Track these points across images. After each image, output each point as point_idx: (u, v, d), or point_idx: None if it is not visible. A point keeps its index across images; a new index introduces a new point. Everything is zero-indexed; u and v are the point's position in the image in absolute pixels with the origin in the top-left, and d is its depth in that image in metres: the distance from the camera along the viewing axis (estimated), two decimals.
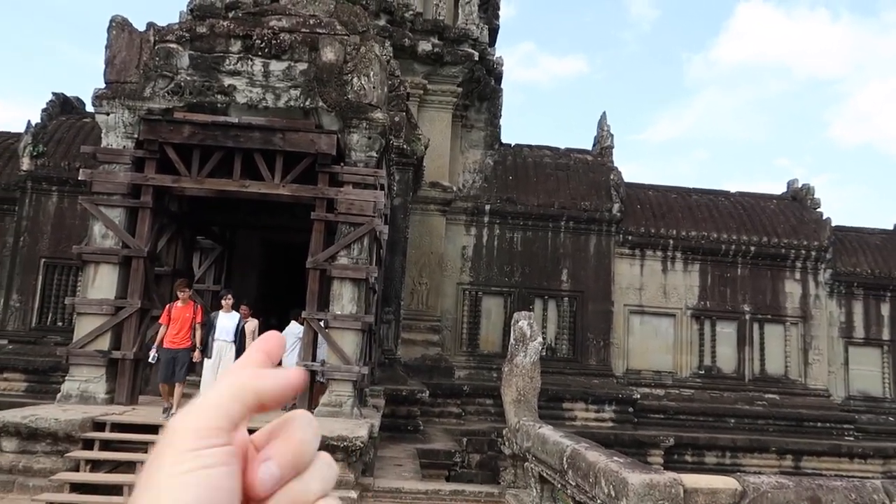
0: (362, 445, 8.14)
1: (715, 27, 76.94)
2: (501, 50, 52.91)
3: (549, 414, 12.50)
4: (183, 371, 8.71)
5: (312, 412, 9.10)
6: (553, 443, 6.40)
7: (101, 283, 9.47)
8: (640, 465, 5.33)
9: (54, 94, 16.59)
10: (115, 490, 7.21)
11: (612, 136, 19.63)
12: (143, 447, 7.81)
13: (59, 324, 14.98)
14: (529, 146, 19.67)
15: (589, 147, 20.12)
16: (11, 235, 15.39)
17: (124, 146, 9.80)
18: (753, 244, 17.89)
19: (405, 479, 9.26)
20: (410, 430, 13.10)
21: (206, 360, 8.88)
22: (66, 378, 9.28)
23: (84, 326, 9.37)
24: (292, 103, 10.01)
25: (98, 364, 9.24)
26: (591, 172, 18.73)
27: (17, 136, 16.21)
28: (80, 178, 10.08)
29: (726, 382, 17.50)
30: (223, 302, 9.34)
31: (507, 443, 8.42)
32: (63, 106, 16.66)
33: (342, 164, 10.04)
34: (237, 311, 9.77)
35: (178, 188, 9.98)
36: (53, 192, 15.31)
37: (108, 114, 9.87)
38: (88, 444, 7.87)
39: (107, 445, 7.83)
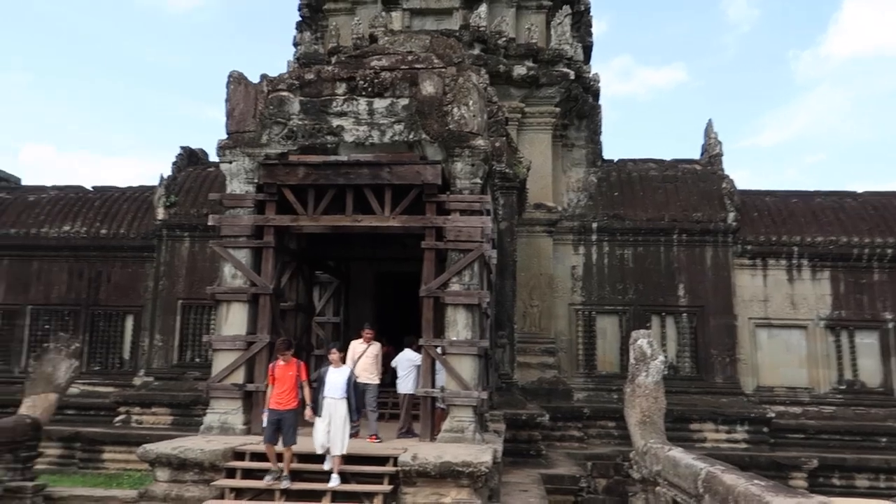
0: (487, 470, 8.15)
1: (822, 21, 72.34)
2: (597, 66, 52.29)
3: (676, 436, 11.98)
4: (290, 433, 8.13)
5: (435, 438, 9.20)
6: (685, 465, 6.14)
7: (234, 321, 10.11)
8: (784, 489, 5.02)
9: (182, 147, 18.02)
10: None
11: (720, 143, 18.87)
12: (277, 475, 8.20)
13: (197, 360, 16.07)
14: (633, 160, 19.25)
15: (696, 157, 19.43)
16: (152, 280, 16.76)
17: (246, 191, 10.48)
18: (890, 246, 16.52)
19: None
20: (532, 455, 12.95)
21: (317, 417, 8.30)
22: (208, 411, 9.92)
23: (220, 362, 10.01)
24: (397, 138, 10.36)
25: (235, 397, 9.83)
26: (700, 182, 18.04)
27: (152, 188, 17.74)
28: (209, 224, 10.84)
29: (871, 398, 16.11)
30: (331, 357, 8.78)
31: (635, 466, 8.16)
32: (190, 158, 18.06)
33: (448, 192, 10.24)
34: (338, 362, 9.44)
35: (297, 227, 10.53)
36: (186, 237, 16.56)
37: (230, 162, 10.61)
38: (231, 473, 8.36)
39: (248, 474, 8.28)
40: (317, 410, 8.36)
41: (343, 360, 8.96)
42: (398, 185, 10.18)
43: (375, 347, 10.26)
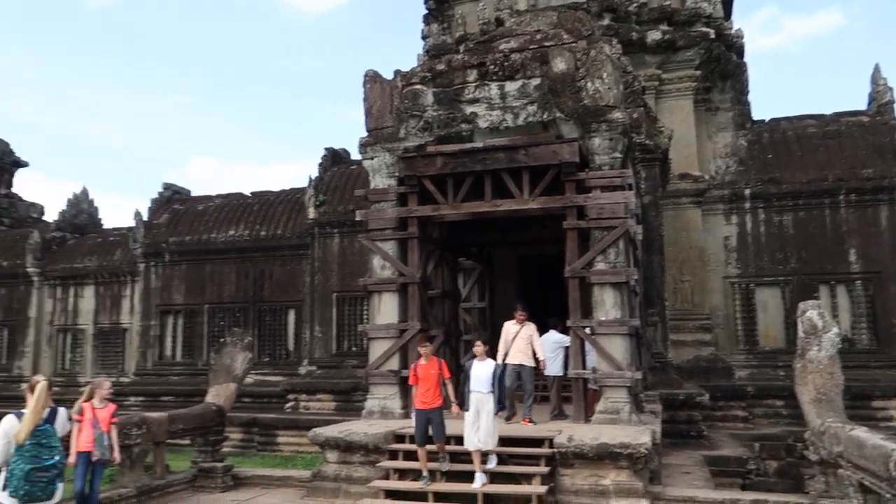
0: (647, 452, 7.93)
1: None
2: (739, 21, 48.64)
3: (856, 414, 10.96)
4: (439, 430, 8.10)
5: (589, 420, 9.06)
6: (873, 446, 5.62)
7: (385, 310, 10.56)
8: None
9: (326, 149, 19.01)
10: (422, 496, 7.92)
11: (890, 90, 16.94)
12: (436, 457, 8.47)
13: (354, 349, 16.96)
14: (788, 119, 17.75)
15: (861, 108, 17.55)
16: (308, 276, 17.89)
17: (389, 185, 10.87)
18: None
19: (697, 488, 8.80)
20: (693, 436, 12.43)
21: (465, 413, 8.12)
22: (368, 396, 10.46)
23: (376, 349, 10.51)
24: (531, 119, 10.26)
25: (392, 382, 10.28)
26: (869, 135, 16.30)
27: (303, 190, 18.89)
28: (356, 219, 11.37)
29: None
30: (475, 349, 8.50)
31: (811, 447, 7.58)
32: (334, 158, 19.01)
33: (587, 169, 10.01)
34: (516, 321, 9.92)
35: (438, 216, 10.77)
36: (335, 234, 17.49)
37: (372, 158, 11.04)
38: (393, 455, 8.77)
39: (410, 455, 8.64)
40: (463, 405, 8.20)
41: (489, 353, 8.63)
42: (535, 166, 10.10)
43: (529, 328, 9.98)
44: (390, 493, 8.18)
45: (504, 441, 8.55)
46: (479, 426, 7.94)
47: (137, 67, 78.35)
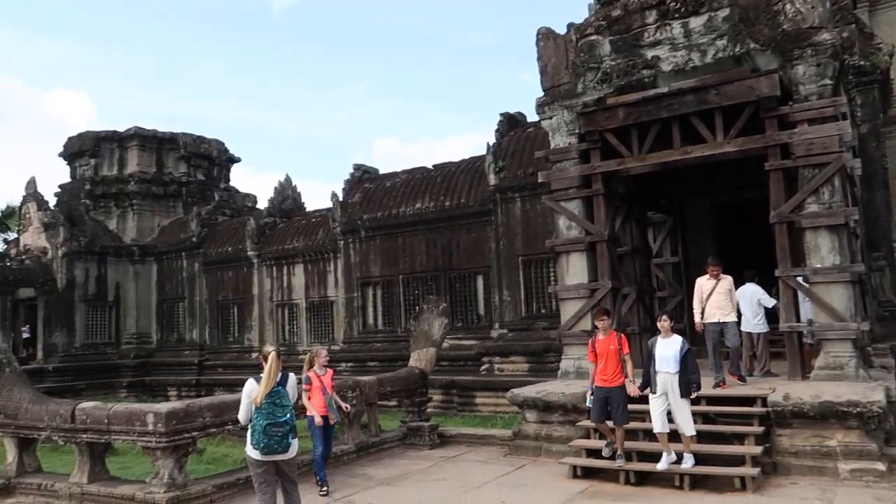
0: (880, 411, 7.12)
1: None
2: None
3: None
4: (620, 411, 7.68)
5: (807, 377, 8.31)
6: None
7: (574, 270, 10.45)
8: None
9: (501, 114, 19.02)
10: (623, 455, 7.79)
11: None
12: (639, 416, 8.27)
13: (543, 311, 17.01)
14: None
15: None
16: (493, 241, 18.18)
17: (569, 143, 10.64)
18: None
19: None
20: None
21: (651, 395, 7.62)
22: (562, 357, 10.48)
23: (567, 310, 10.46)
24: (720, 55, 9.47)
25: (584, 343, 10.16)
26: None
27: (482, 158, 19.13)
28: (539, 181, 11.31)
29: None
30: (660, 324, 7.83)
31: None
32: (510, 123, 18.98)
33: (790, 103, 9.04)
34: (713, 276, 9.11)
35: (624, 170, 10.36)
36: (517, 198, 17.54)
37: (550, 117, 10.86)
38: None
39: None
40: (648, 386, 7.64)
41: (671, 329, 7.73)
42: (728, 106, 9.33)
43: (726, 282, 9.19)
44: (591, 452, 8.16)
45: (711, 400, 8.14)
46: (671, 410, 7.42)
47: (319, 61, 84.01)
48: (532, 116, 18.80)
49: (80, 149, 28.99)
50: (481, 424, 13.75)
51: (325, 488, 7.80)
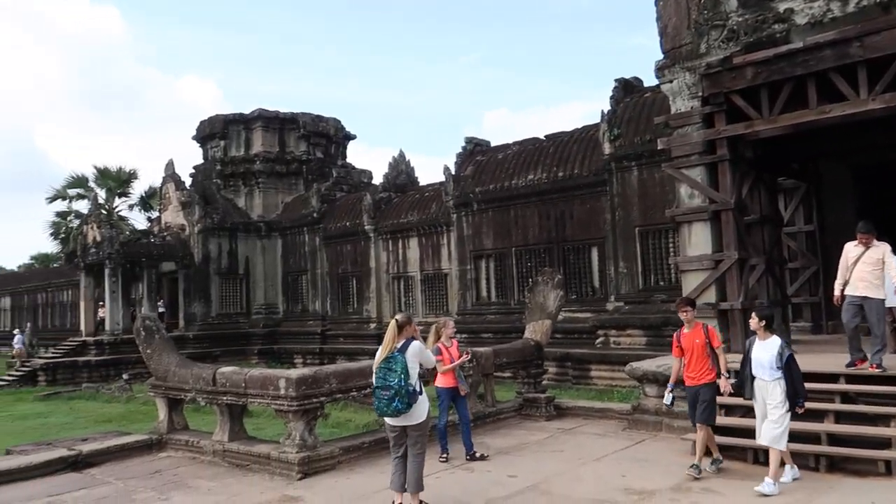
0: None
1: None
2: None
3: None
4: (705, 409, 6.89)
5: None
6: None
7: (697, 241, 10.00)
8: None
9: (616, 80, 18.37)
10: (749, 433, 7.42)
11: None
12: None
13: (661, 283, 16.47)
14: None
15: None
16: (608, 212, 17.73)
17: (691, 107, 10.12)
18: None
19: None
20: None
21: (755, 401, 6.68)
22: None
23: (689, 282, 10.05)
24: (864, 2, 8.64)
25: (708, 316, 9.74)
26: None
27: (596, 126, 18.63)
28: (658, 148, 10.86)
29: None
30: (752, 324, 6.77)
31: None
32: (625, 89, 18.31)
33: None
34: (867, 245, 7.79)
35: (751, 133, 9.74)
36: (633, 166, 16.96)
37: (670, 81, 10.36)
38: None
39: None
40: (742, 390, 6.73)
41: (769, 327, 6.66)
42: (875, 58, 8.51)
43: (878, 250, 7.80)
44: (715, 429, 7.84)
45: (851, 378, 7.59)
46: (763, 415, 6.56)
47: (431, 34, 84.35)
48: (649, 81, 18.07)
49: (210, 132, 30.97)
50: (597, 398, 13.60)
51: (444, 455, 8.03)
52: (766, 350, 6.50)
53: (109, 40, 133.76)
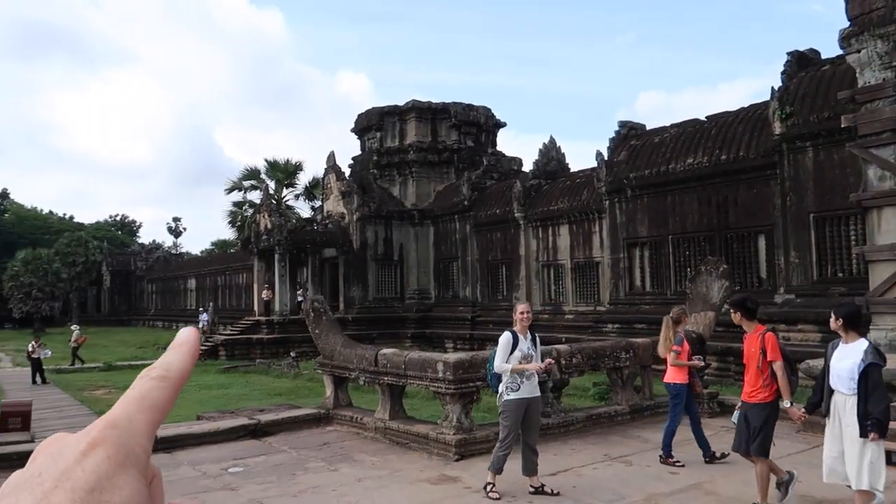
0: None
1: None
2: None
3: None
4: (760, 437, 5.57)
5: None
6: None
7: (888, 227, 9.01)
8: None
9: (789, 53, 16.89)
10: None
11: None
12: None
13: (840, 274, 15.01)
14: None
15: None
16: (778, 197, 16.41)
17: (883, 79, 9.09)
18: None
19: None
20: None
21: (826, 420, 5.31)
22: (871, 327, 9.16)
23: (878, 274, 9.09)
24: None
25: None
26: None
27: (763, 105, 17.27)
28: (841, 126, 9.88)
29: None
30: (831, 322, 5.30)
31: None
32: (799, 62, 16.79)
33: None
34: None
35: None
36: (808, 147, 15.54)
37: (857, 51, 9.38)
38: None
39: None
40: (818, 408, 5.31)
41: (853, 327, 5.18)
42: None
43: None
44: None
45: None
46: (839, 438, 5.10)
47: (586, 17, 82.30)
48: (827, 53, 16.42)
49: (367, 124, 32.44)
50: None
51: (673, 458, 7.30)
52: (848, 356, 5.11)
53: (272, 40, 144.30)
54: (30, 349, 21.30)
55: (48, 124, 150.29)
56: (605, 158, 21.59)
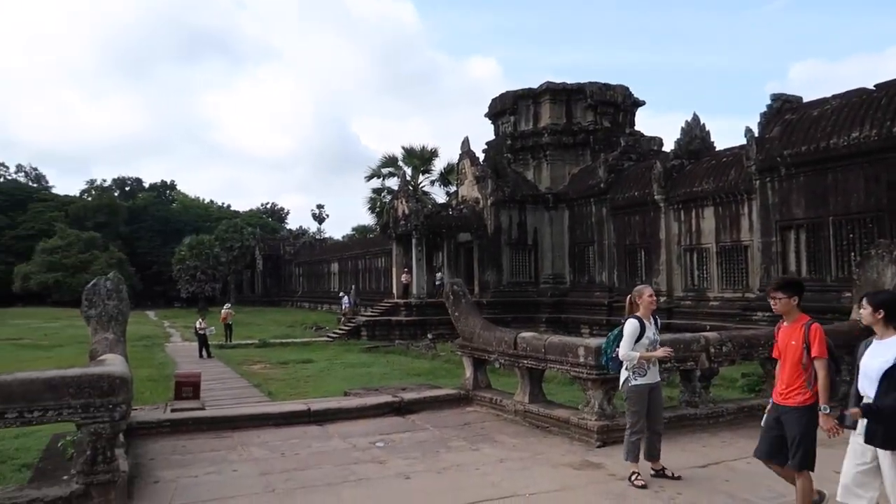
0: None
1: None
2: None
3: None
4: (798, 447, 4.65)
5: None
6: None
7: None
8: None
9: None
10: None
11: None
12: None
13: None
14: None
15: None
16: None
17: None
18: None
19: None
20: None
21: (852, 432, 4.30)
22: None
23: None
24: None
25: None
26: None
27: None
28: None
29: None
30: (864, 314, 4.41)
31: None
32: None
33: None
34: None
35: None
36: None
37: None
38: None
39: None
40: (846, 419, 4.18)
41: (892, 320, 4.23)
42: None
43: None
44: None
45: None
46: (869, 465, 4.18)
47: None
48: None
49: (501, 108, 32.44)
50: None
51: None
52: (880, 353, 4.17)
53: (404, 29, 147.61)
54: (198, 326, 23.51)
55: (206, 121, 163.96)
56: (756, 135, 20.17)
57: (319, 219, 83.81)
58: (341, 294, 38.49)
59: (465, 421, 8.95)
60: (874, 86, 18.36)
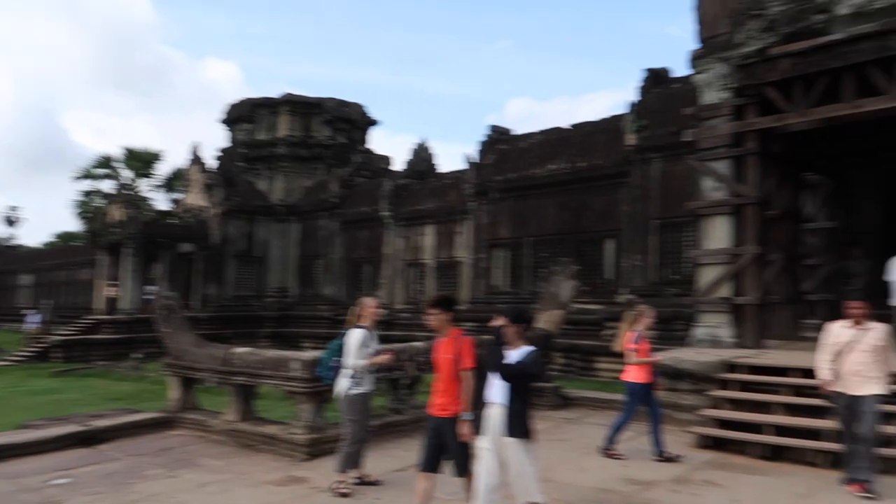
0: None
1: None
2: None
3: None
4: (462, 455, 4.96)
5: None
6: None
7: (716, 234, 9.83)
8: None
9: (646, 70, 18.05)
10: (757, 428, 7.36)
11: None
12: (775, 389, 7.76)
13: (675, 277, 16.25)
14: None
15: None
16: (627, 204, 17.50)
17: (721, 99, 9.91)
18: None
19: None
20: None
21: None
22: (697, 324, 9.97)
23: (705, 276, 9.89)
24: None
25: (722, 310, 9.62)
26: None
27: (619, 117, 18.36)
28: (685, 139, 10.67)
29: None
30: (498, 323, 4.78)
31: None
32: (655, 79, 17.99)
33: None
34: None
35: (782, 126, 9.53)
36: (656, 159, 16.70)
37: (703, 72, 10.15)
38: (723, 384, 8.26)
39: (744, 386, 8.06)
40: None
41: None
42: None
43: (876, 334, 5.86)
44: (723, 423, 7.74)
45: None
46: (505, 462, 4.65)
47: (467, 19, 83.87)
48: (678, 72, 17.73)
49: (238, 115, 31.04)
50: (602, 389, 13.44)
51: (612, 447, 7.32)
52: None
53: (135, 20, 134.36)
54: None
55: None
56: (474, 161, 22.04)
57: (11, 222, 71.71)
58: (25, 312, 33.03)
59: (166, 446, 8.20)
60: (571, 125, 21.27)
